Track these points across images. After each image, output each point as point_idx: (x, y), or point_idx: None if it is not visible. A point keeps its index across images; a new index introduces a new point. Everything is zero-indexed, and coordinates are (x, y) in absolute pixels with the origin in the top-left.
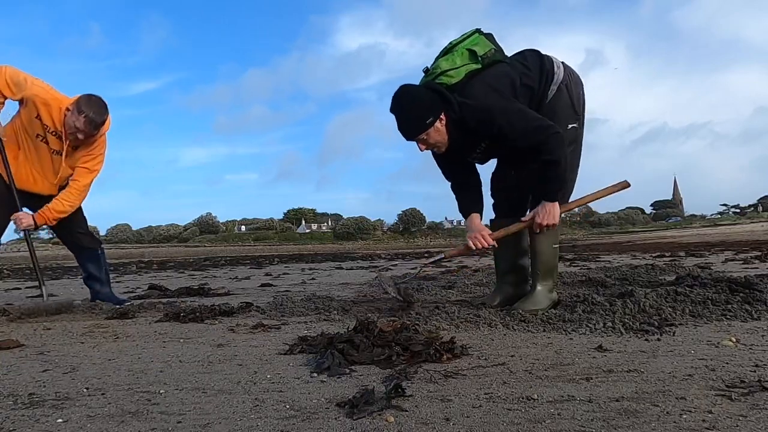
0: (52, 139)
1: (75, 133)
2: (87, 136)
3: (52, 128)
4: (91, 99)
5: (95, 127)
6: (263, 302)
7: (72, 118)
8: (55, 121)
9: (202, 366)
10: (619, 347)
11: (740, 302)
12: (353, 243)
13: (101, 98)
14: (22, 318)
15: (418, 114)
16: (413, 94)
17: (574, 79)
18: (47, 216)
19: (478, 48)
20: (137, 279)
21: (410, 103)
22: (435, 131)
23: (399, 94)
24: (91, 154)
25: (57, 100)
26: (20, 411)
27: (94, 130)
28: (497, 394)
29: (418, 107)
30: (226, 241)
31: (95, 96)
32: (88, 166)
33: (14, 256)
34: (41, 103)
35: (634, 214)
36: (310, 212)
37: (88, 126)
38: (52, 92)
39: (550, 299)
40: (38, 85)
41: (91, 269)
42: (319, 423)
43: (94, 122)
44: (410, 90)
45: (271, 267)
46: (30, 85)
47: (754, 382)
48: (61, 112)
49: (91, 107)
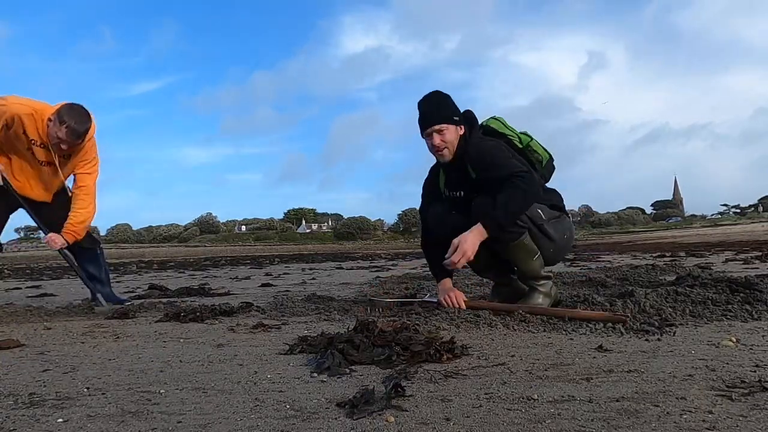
0: (39, 151)
1: (58, 144)
2: (70, 145)
3: (38, 140)
4: (73, 108)
5: (78, 136)
6: (263, 302)
7: (54, 128)
8: (41, 132)
9: (203, 366)
10: (620, 347)
11: (741, 302)
12: (353, 243)
13: (83, 106)
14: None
15: (450, 108)
16: (447, 95)
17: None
18: (75, 231)
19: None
20: (137, 279)
21: (444, 98)
22: (453, 131)
23: (434, 92)
24: (86, 159)
25: (38, 111)
26: (21, 411)
27: (76, 140)
28: (497, 394)
29: (450, 105)
30: (226, 241)
31: (77, 105)
32: (87, 170)
33: (15, 256)
34: (25, 116)
35: (635, 214)
36: (310, 212)
37: (70, 136)
38: (31, 104)
39: (549, 297)
40: (17, 102)
41: (90, 269)
42: (319, 423)
43: (76, 132)
44: (444, 93)
45: (271, 267)
46: (9, 105)
47: (755, 382)
48: (44, 123)
49: (72, 117)
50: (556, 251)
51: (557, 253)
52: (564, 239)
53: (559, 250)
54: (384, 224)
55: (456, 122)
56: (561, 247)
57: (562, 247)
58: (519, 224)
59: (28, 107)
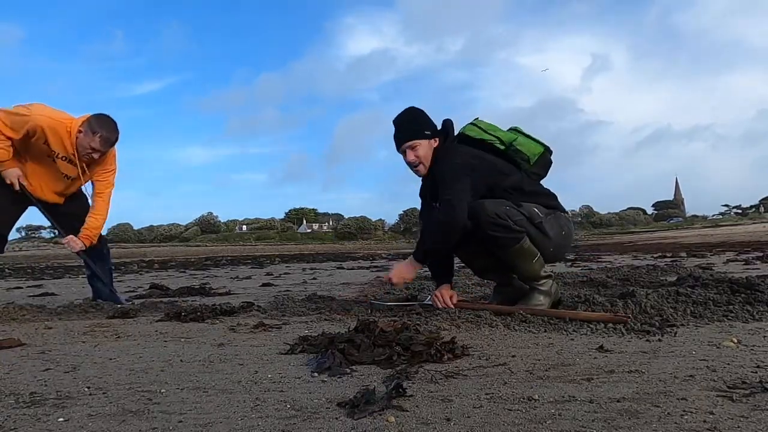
0: (62, 165)
1: (90, 154)
2: (102, 154)
3: (63, 154)
4: (102, 118)
5: (110, 144)
6: (264, 302)
7: (86, 139)
8: (66, 145)
9: (203, 365)
10: (621, 348)
11: (742, 303)
12: (354, 243)
13: (110, 116)
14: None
15: (419, 124)
16: (420, 111)
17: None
18: (91, 235)
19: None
20: (139, 278)
21: (415, 114)
22: (426, 145)
23: (407, 108)
24: (106, 169)
25: (62, 123)
26: (21, 410)
27: (109, 148)
28: (498, 395)
29: (421, 119)
30: (227, 241)
31: (104, 115)
32: (106, 178)
33: (16, 255)
34: (48, 128)
35: (636, 214)
36: (311, 212)
37: (103, 145)
38: (54, 115)
39: (550, 297)
40: (40, 113)
41: (94, 268)
42: (320, 423)
43: (109, 141)
44: (417, 108)
45: (272, 267)
46: (32, 116)
47: (756, 383)
48: (71, 136)
49: (104, 127)
50: (556, 250)
51: (557, 252)
52: (562, 236)
53: (559, 248)
54: (385, 224)
55: (428, 136)
56: (560, 244)
57: (562, 245)
58: (517, 229)
59: (52, 120)
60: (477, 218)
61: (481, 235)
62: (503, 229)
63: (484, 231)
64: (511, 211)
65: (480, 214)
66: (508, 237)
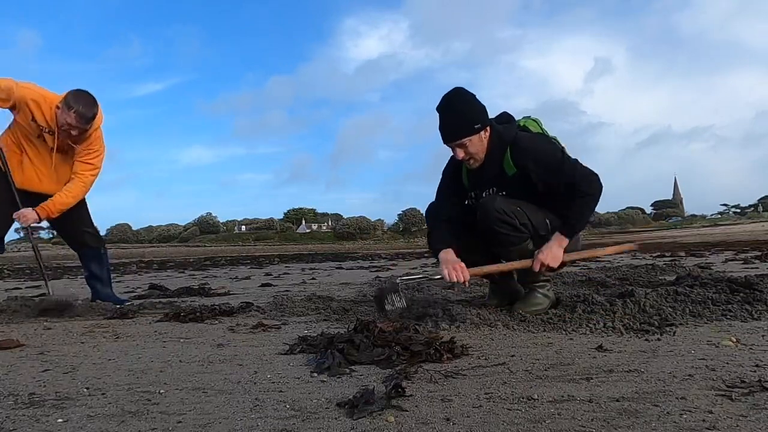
0: (49, 138)
1: (68, 130)
2: (80, 131)
3: (47, 127)
4: (80, 93)
5: (86, 121)
6: (263, 302)
7: (63, 114)
8: (48, 119)
9: (202, 366)
10: (620, 347)
11: (740, 302)
12: (353, 243)
13: (89, 92)
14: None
15: (469, 117)
16: (468, 97)
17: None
18: (50, 209)
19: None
20: (137, 279)
21: (463, 104)
22: (478, 140)
23: (452, 93)
24: (90, 149)
25: (46, 97)
26: (20, 411)
27: (85, 125)
28: (497, 394)
29: (470, 110)
30: (226, 241)
31: (83, 90)
32: (88, 160)
33: (15, 256)
34: (32, 102)
35: (635, 214)
36: (310, 212)
37: (79, 120)
38: (40, 90)
39: (548, 298)
40: (26, 87)
41: (93, 268)
42: (320, 423)
43: (84, 116)
44: (465, 92)
45: (271, 267)
46: (18, 88)
47: (755, 382)
48: (53, 110)
49: (80, 102)
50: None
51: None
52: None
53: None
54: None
55: (478, 130)
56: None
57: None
58: (521, 230)
59: (37, 93)
60: (486, 211)
61: (484, 228)
62: (508, 227)
63: (489, 225)
64: (520, 213)
65: (490, 208)
66: (512, 235)
